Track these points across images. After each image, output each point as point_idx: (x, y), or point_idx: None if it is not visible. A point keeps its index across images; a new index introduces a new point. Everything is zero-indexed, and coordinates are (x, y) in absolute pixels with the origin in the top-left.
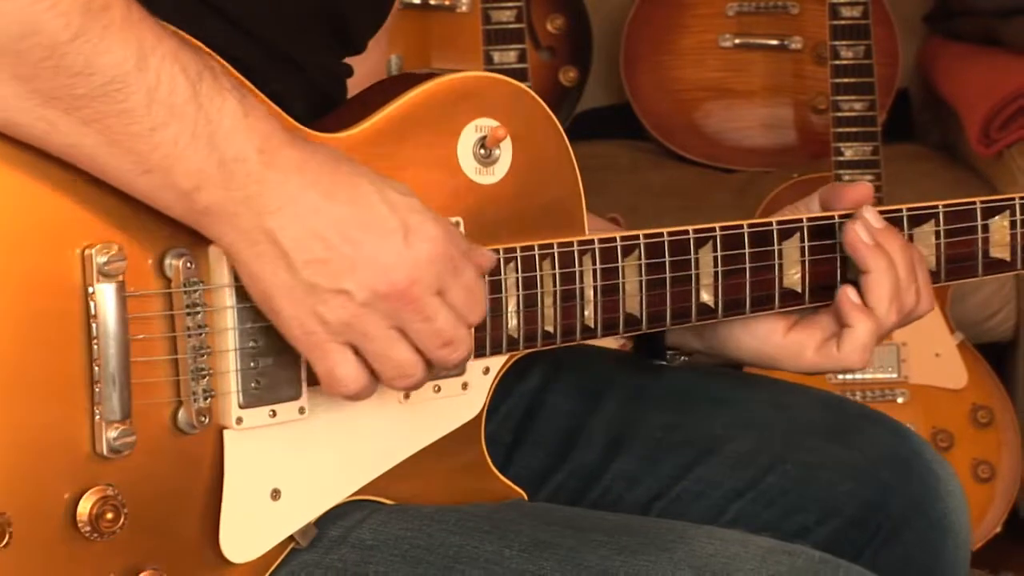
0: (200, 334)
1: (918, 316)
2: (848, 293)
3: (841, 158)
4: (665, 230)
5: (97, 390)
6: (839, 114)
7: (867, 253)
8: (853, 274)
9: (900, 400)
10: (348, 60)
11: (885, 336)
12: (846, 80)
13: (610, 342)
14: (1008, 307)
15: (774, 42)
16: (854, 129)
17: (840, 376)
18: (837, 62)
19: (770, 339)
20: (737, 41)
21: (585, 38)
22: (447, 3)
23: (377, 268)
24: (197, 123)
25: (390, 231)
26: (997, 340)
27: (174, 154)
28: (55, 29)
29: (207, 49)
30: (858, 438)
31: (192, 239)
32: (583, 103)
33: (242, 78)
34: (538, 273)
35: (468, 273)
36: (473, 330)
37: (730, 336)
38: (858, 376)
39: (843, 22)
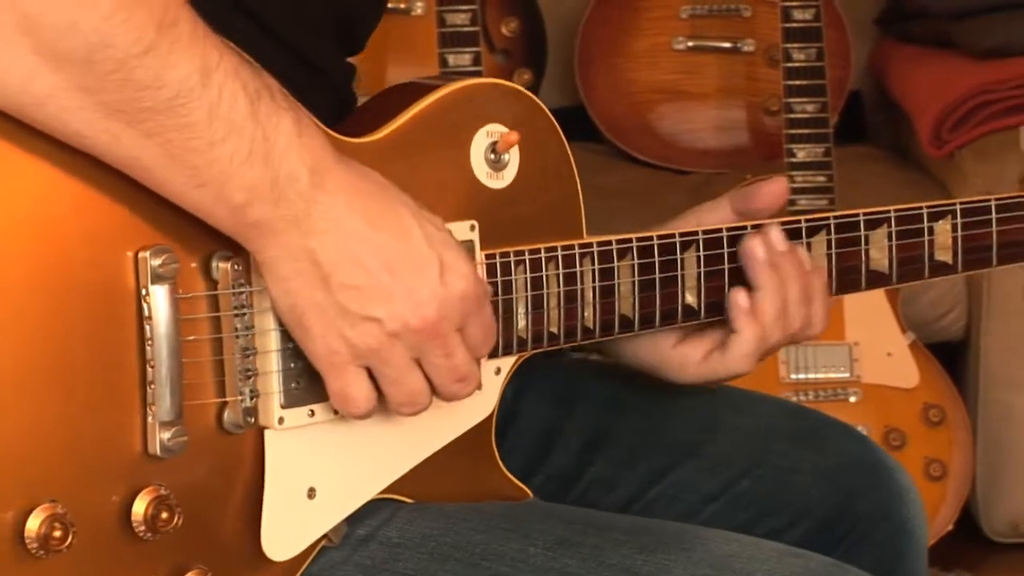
0: (248, 335)
1: (807, 339)
2: (739, 297)
3: (794, 159)
4: (655, 233)
5: (150, 391)
6: (791, 116)
7: (759, 270)
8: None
9: (852, 399)
10: None
11: (768, 354)
12: (798, 82)
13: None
14: (959, 307)
15: (727, 44)
16: (806, 131)
17: (794, 375)
18: (789, 64)
19: (657, 350)
20: (690, 44)
21: (539, 41)
22: (402, 6)
23: (411, 301)
24: (254, 140)
25: (427, 265)
26: (948, 339)
27: (229, 170)
28: (127, 43)
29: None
30: (824, 443)
31: (237, 242)
32: None
33: (293, 99)
34: (544, 275)
35: (487, 310)
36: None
37: (625, 342)
38: (810, 375)
39: (795, 25)
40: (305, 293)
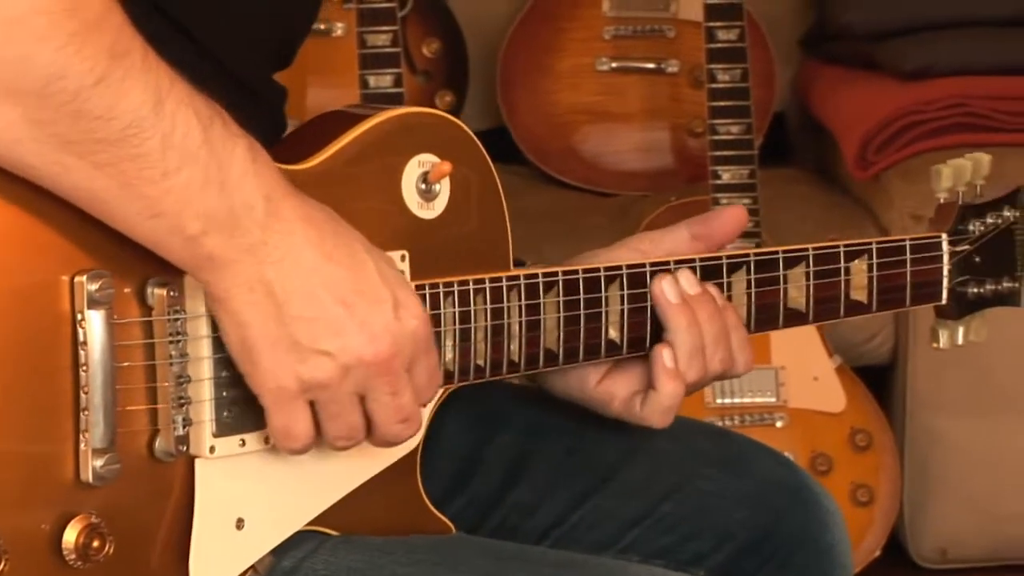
0: (182, 362)
1: (727, 378)
2: (663, 355)
3: (719, 181)
4: (580, 267)
5: (84, 417)
6: (716, 137)
7: (669, 311)
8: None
9: (779, 424)
10: None
11: (689, 394)
12: (723, 103)
13: None
14: (885, 330)
15: (651, 65)
16: (731, 152)
17: (719, 400)
18: (714, 85)
19: (582, 386)
20: (614, 65)
21: (461, 62)
22: (322, 27)
23: (365, 335)
24: (209, 168)
25: (381, 300)
26: (875, 363)
27: (185, 199)
28: (81, 73)
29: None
30: (748, 467)
31: (172, 268)
32: None
33: (240, 127)
34: (472, 309)
35: (434, 355)
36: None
37: (552, 376)
38: (736, 400)
39: (719, 45)
40: (256, 325)
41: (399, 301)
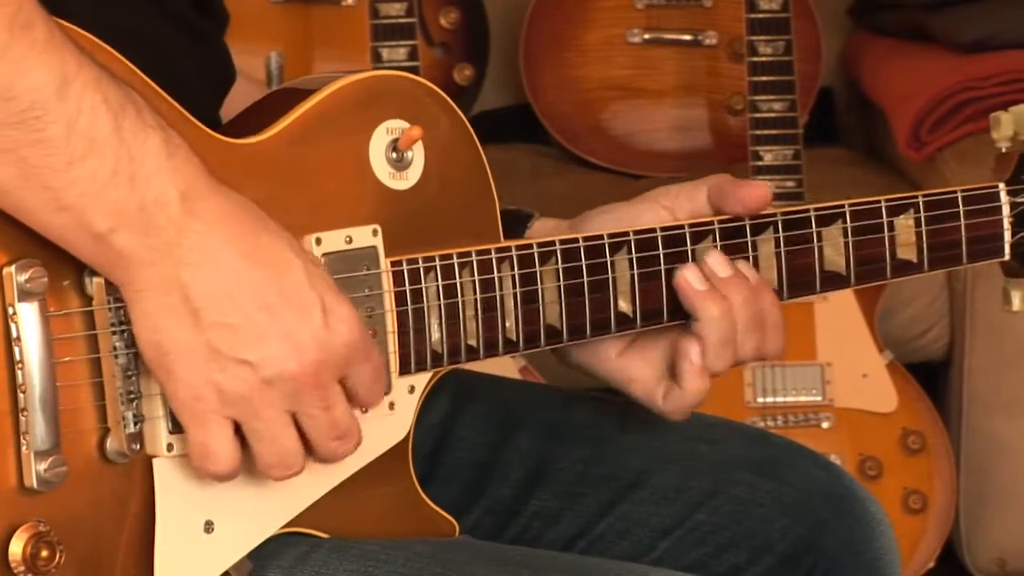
0: (128, 354)
1: (759, 360)
2: (691, 351)
3: (759, 163)
4: (580, 235)
5: (23, 418)
6: (757, 115)
7: (697, 300)
8: None
9: (825, 425)
10: None
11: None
12: (764, 78)
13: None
14: (941, 323)
15: (687, 37)
16: (773, 131)
17: (760, 399)
18: (755, 59)
19: (601, 360)
20: (647, 36)
21: (481, 33)
22: None
23: (289, 345)
24: (119, 159)
25: (308, 307)
26: (929, 359)
27: (91, 192)
28: None
29: (134, 77)
30: (788, 473)
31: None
32: (479, 104)
33: (160, 119)
34: (458, 282)
35: (374, 358)
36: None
37: (572, 350)
38: (779, 399)
39: (761, 15)
40: (171, 330)
41: (328, 307)
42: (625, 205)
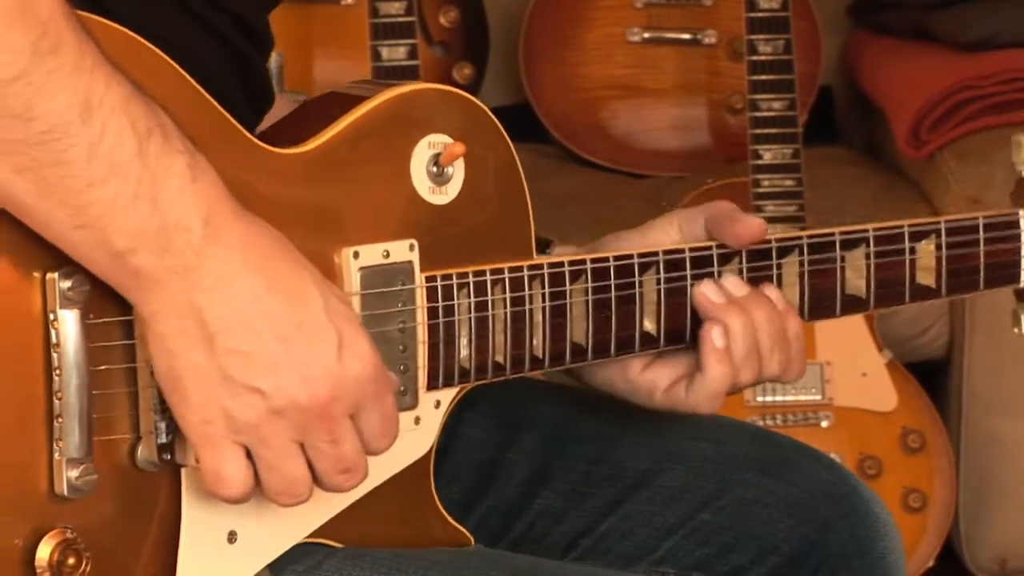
0: None
1: (781, 382)
2: (713, 334)
3: (759, 162)
4: (611, 254)
5: (57, 425)
6: (757, 114)
7: (714, 312)
8: None
9: (824, 424)
10: None
11: (737, 391)
12: (764, 77)
13: None
14: (940, 322)
15: (686, 36)
16: (773, 130)
17: (760, 398)
18: (754, 58)
19: (626, 376)
20: (646, 35)
21: (481, 32)
22: None
23: (301, 376)
24: (141, 182)
25: (324, 338)
26: (929, 358)
27: (111, 212)
28: None
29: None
30: (793, 473)
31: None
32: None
33: (190, 144)
34: (489, 299)
35: (389, 399)
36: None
37: (595, 368)
38: (778, 398)
39: (761, 14)
40: (185, 354)
41: (344, 341)
42: (636, 232)
